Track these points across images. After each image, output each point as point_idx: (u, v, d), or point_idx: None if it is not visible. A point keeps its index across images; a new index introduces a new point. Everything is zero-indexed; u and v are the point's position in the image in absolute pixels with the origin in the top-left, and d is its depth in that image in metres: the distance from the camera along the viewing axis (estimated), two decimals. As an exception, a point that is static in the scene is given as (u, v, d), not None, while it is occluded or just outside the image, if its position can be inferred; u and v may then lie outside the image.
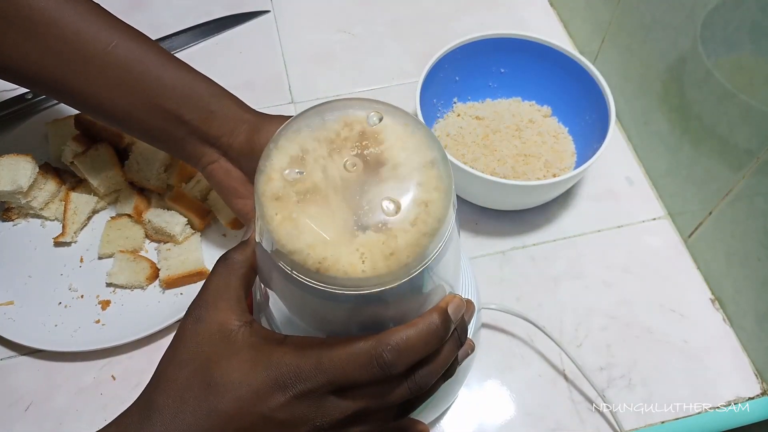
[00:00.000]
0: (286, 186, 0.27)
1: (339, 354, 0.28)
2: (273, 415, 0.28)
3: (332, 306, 0.29)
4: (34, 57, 0.45)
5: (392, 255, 0.26)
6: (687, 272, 0.58)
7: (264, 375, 0.28)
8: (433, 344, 0.29)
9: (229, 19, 0.76)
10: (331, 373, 0.28)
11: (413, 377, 0.30)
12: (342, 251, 0.26)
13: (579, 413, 0.50)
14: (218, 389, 0.29)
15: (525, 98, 0.65)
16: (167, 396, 0.30)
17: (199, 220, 0.57)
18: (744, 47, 0.47)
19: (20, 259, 0.57)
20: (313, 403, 0.29)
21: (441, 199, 0.27)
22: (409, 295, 0.29)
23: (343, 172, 0.27)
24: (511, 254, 0.58)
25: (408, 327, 0.29)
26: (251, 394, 0.28)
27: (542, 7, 0.79)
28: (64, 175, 0.61)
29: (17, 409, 0.50)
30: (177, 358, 0.31)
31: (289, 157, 0.28)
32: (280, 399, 0.28)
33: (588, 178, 0.63)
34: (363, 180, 0.27)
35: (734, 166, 0.51)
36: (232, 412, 0.28)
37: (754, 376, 0.52)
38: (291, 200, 0.27)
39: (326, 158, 0.28)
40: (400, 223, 0.26)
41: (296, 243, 0.26)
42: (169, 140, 0.48)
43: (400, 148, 0.28)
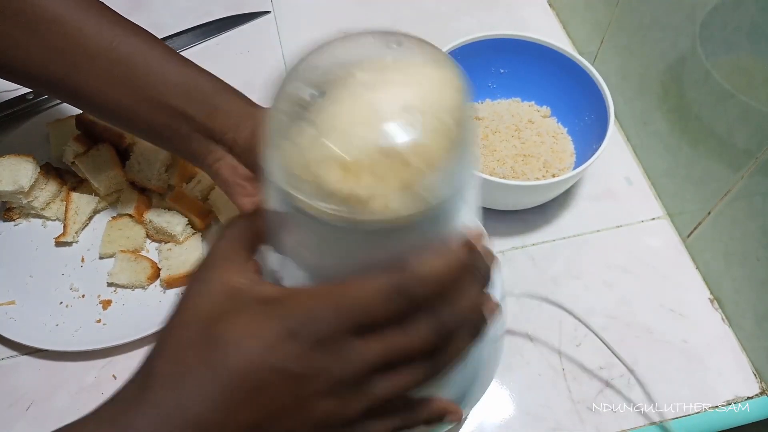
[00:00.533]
0: (302, 108, 0.25)
1: (359, 288, 0.26)
2: (286, 367, 0.25)
3: (352, 245, 0.26)
4: (37, 55, 0.45)
5: (415, 171, 0.24)
6: (686, 272, 0.58)
7: (274, 324, 0.26)
8: (458, 273, 0.27)
9: (230, 19, 0.76)
10: (350, 311, 0.25)
11: (438, 315, 0.27)
12: (365, 167, 0.24)
13: (579, 413, 0.50)
14: (223, 345, 0.26)
15: (524, 98, 0.65)
16: (167, 360, 0.27)
17: (200, 220, 0.57)
18: (743, 48, 0.48)
19: (21, 259, 0.57)
20: (331, 349, 0.26)
21: (459, 116, 0.25)
22: (431, 230, 0.27)
23: (362, 91, 0.25)
24: (511, 254, 0.59)
25: (432, 255, 0.26)
26: (260, 346, 0.25)
27: (542, 7, 0.79)
28: (66, 175, 0.61)
29: (18, 409, 0.50)
30: (178, 320, 0.28)
31: (306, 77, 0.26)
32: (294, 348, 0.25)
33: (587, 178, 0.63)
34: (384, 97, 0.25)
35: (733, 166, 0.51)
36: (239, 368, 0.25)
37: (753, 375, 0.52)
38: (311, 126, 0.25)
39: (345, 80, 0.26)
40: (420, 136, 0.24)
41: (317, 161, 0.24)
42: (174, 137, 0.47)
43: (418, 71, 0.26)
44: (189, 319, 0.28)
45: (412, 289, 0.26)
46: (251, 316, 0.26)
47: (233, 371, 0.26)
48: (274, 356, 0.25)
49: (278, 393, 0.26)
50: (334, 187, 0.24)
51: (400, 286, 0.26)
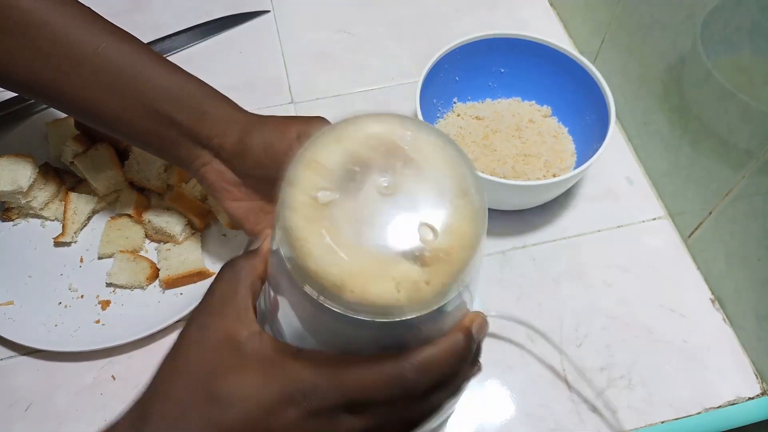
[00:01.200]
0: (318, 208, 0.25)
1: (361, 372, 0.27)
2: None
3: (355, 329, 0.27)
4: (24, 60, 0.45)
5: (428, 284, 0.24)
6: (687, 272, 0.58)
7: (276, 389, 0.26)
8: (457, 365, 0.28)
9: (229, 19, 0.76)
10: (351, 391, 0.27)
11: (430, 398, 0.29)
12: (377, 280, 0.24)
13: (579, 413, 0.50)
14: (223, 402, 0.26)
15: (525, 98, 0.65)
16: (164, 407, 0.27)
17: (199, 220, 0.57)
18: (744, 47, 0.48)
19: (20, 259, 0.57)
20: (324, 420, 0.27)
21: (476, 224, 0.26)
22: (437, 319, 0.27)
23: (377, 195, 0.25)
24: (511, 254, 0.58)
25: (432, 347, 0.27)
26: (260, 408, 0.26)
27: (542, 7, 0.79)
28: (64, 175, 0.61)
29: (17, 409, 0.50)
30: (177, 367, 0.28)
31: (321, 174, 0.26)
32: (292, 415, 0.26)
33: (588, 178, 0.63)
34: (398, 204, 0.25)
35: (734, 165, 0.51)
36: (237, 427, 0.26)
37: (754, 376, 0.52)
38: (323, 224, 0.25)
39: (360, 179, 0.26)
40: (436, 250, 0.25)
41: (328, 271, 0.24)
42: (161, 143, 0.47)
43: (435, 169, 0.26)
44: (189, 368, 0.28)
45: (410, 379, 0.27)
46: (252, 375, 0.27)
47: (227, 427, 0.26)
48: (273, 420, 0.26)
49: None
50: (346, 297, 0.24)
51: (402, 377, 0.27)
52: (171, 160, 0.50)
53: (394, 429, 0.30)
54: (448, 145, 0.27)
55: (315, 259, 0.25)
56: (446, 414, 0.46)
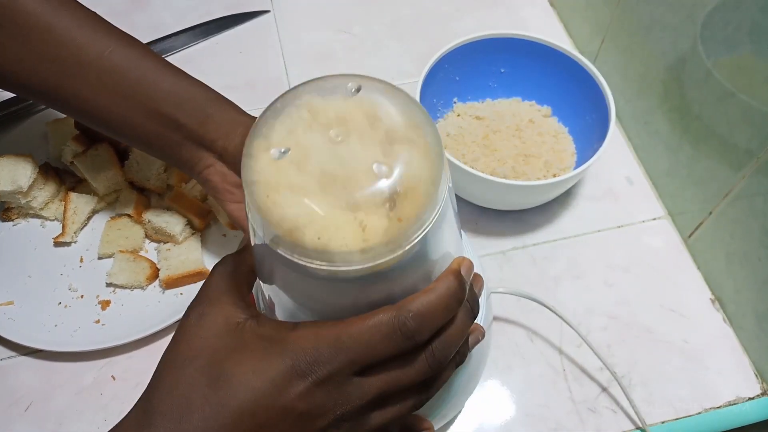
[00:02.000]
0: (273, 166, 0.26)
1: (359, 328, 0.27)
2: (292, 406, 0.26)
3: (340, 290, 0.27)
4: (30, 63, 0.45)
5: (390, 219, 0.25)
6: (687, 272, 0.58)
7: (279, 363, 0.26)
8: (453, 307, 0.28)
9: (229, 19, 0.76)
10: (353, 350, 0.26)
11: (431, 348, 0.28)
12: (340, 222, 0.25)
13: (579, 413, 0.50)
14: (229, 383, 0.26)
15: (525, 98, 0.65)
16: (170, 397, 0.27)
17: (199, 220, 0.57)
18: (744, 47, 0.48)
19: (20, 259, 0.57)
20: (334, 388, 0.26)
21: (433, 159, 0.26)
22: (415, 268, 0.28)
23: (329, 144, 0.26)
24: (512, 254, 0.58)
25: (426, 293, 0.28)
26: (267, 384, 0.26)
27: (542, 7, 0.79)
28: (64, 175, 0.61)
29: (17, 409, 0.50)
30: (179, 356, 0.28)
31: (273, 137, 0.27)
32: (300, 387, 0.26)
33: (588, 178, 0.63)
34: (351, 149, 0.26)
35: (734, 166, 0.51)
36: (245, 407, 0.26)
37: (754, 376, 0.52)
38: (280, 179, 0.26)
39: (311, 133, 0.27)
40: (394, 185, 0.25)
41: (291, 221, 0.25)
42: (165, 145, 0.47)
43: (384, 114, 0.27)
44: (190, 355, 0.28)
45: (410, 327, 0.27)
46: (255, 353, 0.27)
47: (239, 409, 0.26)
48: (280, 395, 0.26)
49: (280, 430, 0.26)
50: (311, 245, 0.25)
51: (403, 328, 0.27)
52: (174, 163, 0.50)
53: (405, 397, 0.29)
54: (394, 88, 0.28)
55: (276, 214, 0.25)
56: (455, 410, 0.46)
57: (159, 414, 0.27)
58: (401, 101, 0.28)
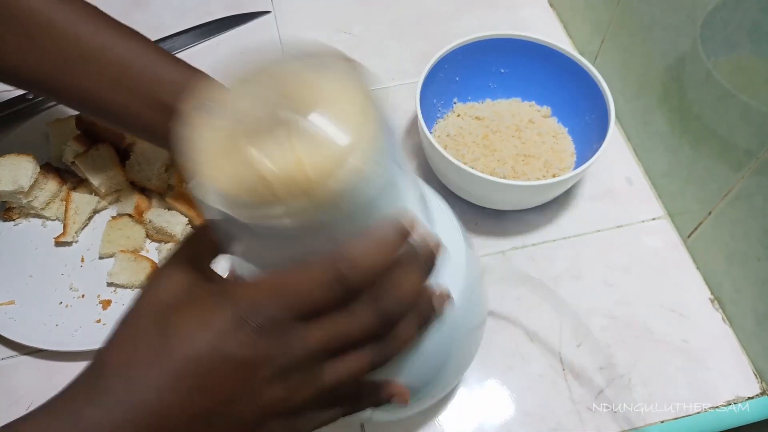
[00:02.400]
0: (205, 128, 0.27)
1: (295, 276, 0.27)
2: (234, 354, 0.26)
3: (279, 246, 0.28)
4: (32, 58, 0.45)
5: (316, 172, 0.25)
6: (686, 272, 0.58)
7: (222, 313, 0.27)
8: (390, 252, 0.28)
9: (230, 19, 0.76)
10: (289, 297, 0.27)
11: (377, 300, 0.28)
12: (268, 173, 0.25)
13: (579, 413, 0.50)
14: (175, 333, 0.27)
15: (525, 98, 0.65)
16: (118, 349, 0.28)
17: (200, 220, 0.57)
18: (744, 47, 0.48)
19: (21, 258, 0.57)
20: (274, 337, 0.27)
21: (365, 119, 0.26)
22: (355, 225, 0.28)
23: (251, 96, 0.27)
24: (511, 254, 0.59)
25: (359, 239, 0.27)
26: (210, 334, 0.26)
27: (542, 7, 0.79)
28: (65, 175, 0.61)
29: (18, 409, 0.50)
30: (132, 313, 0.29)
31: (201, 97, 0.28)
32: (242, 337, 0.26)
33: (588, 178, 0.63)
34: (280, 110, 0.27)
35: (734, 166, 0.51)
36: (190, 355, 0.26)
37: (754, 375, 0.52)
38: (213, 139, 0.26)
39: (242, 99, 0.27)
40: (323, 141, 0.25)
41: (220, 174, 0.25)
42: (168, 134, 0.48)
43: (317, 78, 0.28)
44: (142, 311, 0.28)
45: (348, 274, 0.27)
46: (203, 306, 0.27)
47: (184, 359, 0.26)
48: (223, 344, 0.26)
49: (227, 380, 0.27)
50: (250, 199, 0.25)
51: (337, 272, 0.27)
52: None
53: (365, 347, 0.29)
54: (330, 63, 0.29)
55: (209, 173, 0.26)
56: (446, 386, 0.44)
57: (109, 366, 0.27)
58: (336, 70, 0.28)
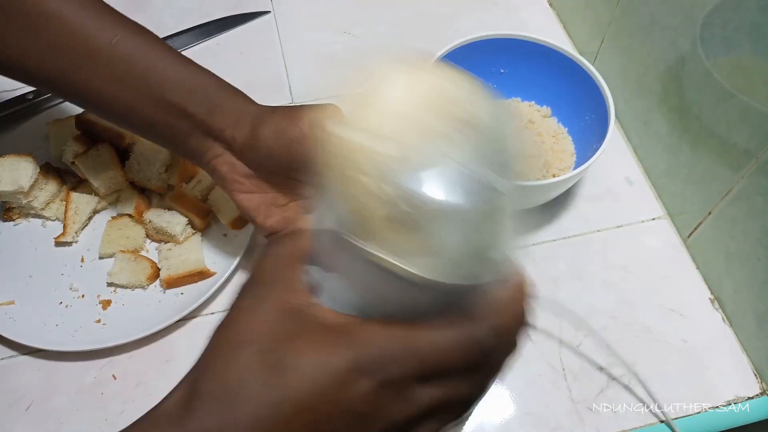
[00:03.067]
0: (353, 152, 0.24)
1: (435, 335, 0.24)
2: (353, 406, 0.24)
3: (420, 293, 0.25)
4: (37, 52, 0.45)
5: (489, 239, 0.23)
6: (686, 272, 0.58)
7: (346, 357, 0.24)
8: (522, 326, 0.27)
9: (230, 19, 0.76)
10: (427, 357, 0.24)
11: (497, 365, 0.27)
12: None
13: (579, 413, 0.50)
14: (290, 371, 0.24)
15: (524, 98, 0.65)
16: (221, 381, 0.24)
17: (200, 220, 0.57)
18: (743, 48, 0.48)
19: (21, 259, 0.57)
20: (396, 392, 0.24)
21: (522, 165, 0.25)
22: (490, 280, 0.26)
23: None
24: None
25: (498, 309, 0.26)
26: (330, 378, 0.24)
27: (542, 7, 0.79)
28: (65, 175, 0.61)
29: (18, 409, 0.50)
30: (232, 339, 0.25)
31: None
32: (364, 386, 0.24)
33: (587, 179, 0.63)
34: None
35: (734, 166, 0.51)
36: (304, 400, 0.24)
37: (754, 375, 0.52)
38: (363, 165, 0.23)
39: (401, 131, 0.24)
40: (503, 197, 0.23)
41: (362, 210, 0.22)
42: (174, 135, 0.47)
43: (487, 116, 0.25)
44: (246, 339, 0.25)
45: (490, 343, 0.25)
46: (319, 342, 0.24)
47: (295, 399, 0.24)
48: (343, 391, 0.24)
49: (336, 428, 0.24)
50: (404, 248, 0.23)
51: (480, 340, 0.25)
52: (182, 153, 0.49)
53: (465, 400, 0.27)
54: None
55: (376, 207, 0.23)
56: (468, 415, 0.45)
57: (208, 399, 0.24)
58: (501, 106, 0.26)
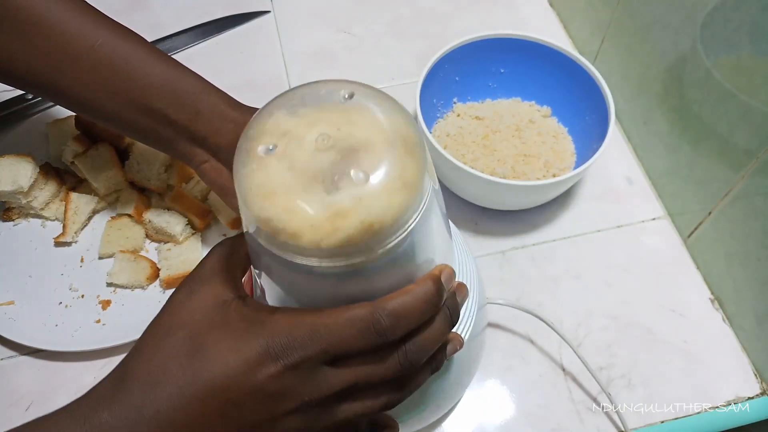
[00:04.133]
0: (259, 161, 0.27)
1: (335, 320, 0.27)
2: (263, 387, 0.27)
3: (319, 283, 0.29)
4: (22, 56, 0.45)
5: (362, 223, 0.26)
6: (687, 272, 0.58)
7: (255, 343, 0.27)
8: (428, 311, 0.29)
9: (230, 19, 0.76)
10: (326, 340, 0.27)
11: (404, 348, 0.29)
12: (314, 220, 0.26)
13: (579, 413, 0.50)
14: (206, 357, 0.27)
15: (525, 98, 0.65)
16: (147, 365, 0.28)
17: (200, 220, 0.57)
18: (744, 47, 0.48)
19: (21, 259, 0.57)
20: (304, 374, 0.27)
21: (414, 168, 0.27)
22: (394, 269, 0.29)
23: (314, 145, 0.27)
24: (511, 254, 0.59)
25: (403, 293, 0.28)
26: (241, 362, 0.27)
27: (542, 7, 0.79)
28: (65, 175, 0.61)
29: (18, 409, 0.50)
30: (162, 327, 0.29)
31: (264, 135, 0.28)
32: (272, 369, 0.27)
33: (588, 178, 0.63)
34: (334, 152, 0.27)
35: (734, 166, 0.51)
36: (218, 382, 0.27)
37: (754, 375, 0.52)
38: (264, 174, 0.27)
39: (298, 133, 0.28)
40: (368, 192, 0.26)
41: (269, 214, 0.26)
42: (161, 139, 0.48)
43: (371, 122, 0.28)
44: (174, 327, 0.29)
45: (383, 324, 0.28)
46: (236, 332, 0.28)
47: (211, 383, 0.27)
48: (253, 374, 0.27)
49: (250, 409, 0.27)
50: (285, 238, 0.26)
51: (378, 324, 0.28)
52: (174, 156, 0.50)
53: (375, 393, 0.30)
54: (386, 97, 0.30)
55: (256, 206, 0.27)
56: (449, 403, 0.46)
57: (135, 379, 0.28)
58: (391, 112, 0.29)
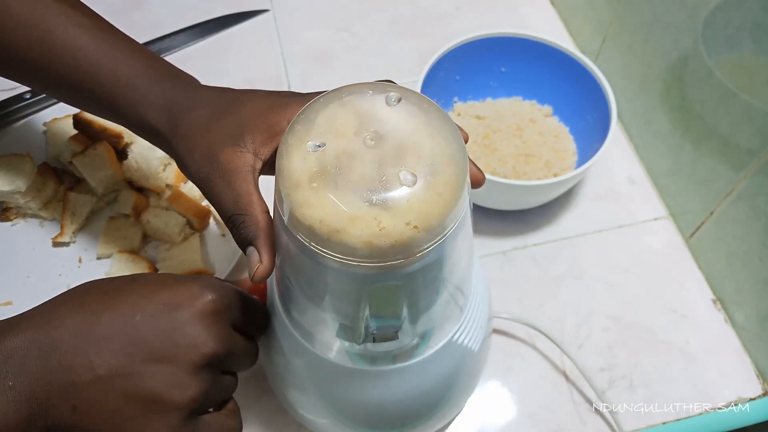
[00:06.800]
0: (305, 157, 0.27)
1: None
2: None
3: (348, 282, 0.29)
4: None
5: (406, 225, 0.26)
6: (688, 272, 0.57)
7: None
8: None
9: (229, 17, 0.76)
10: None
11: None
12: (358, 218, 0.26)
13: (580, 414, 0.50)
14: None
15: (526, 97, 0.65)
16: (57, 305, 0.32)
17: (198, 220, 0.57)
18: (746, 46, 0.47)
19: (19, 259, 0.57)
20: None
21: (457, 175, 0.27)
22: (425, 273, 0.29)
23: (362, 145, 0.28)
24: (512, 254, 0.58)
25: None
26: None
27: (543, 6, 0.78)
28: (63, 175, 0.61)
29: (16, 411, 0.50)
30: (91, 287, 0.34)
31: (312, 130, 0.28)
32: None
33: (589, 178, 0.63)
34: (383, 153, 0.27)
35: (736, 165, 0.50)
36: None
37: (756, 376, 0.52)
38: (309, 171, 0.27)
39: (347, 132, 0.28)
40: (416, 194, 0.26)
41: (313, 211, 0.26)
42: (147, 139, 0.43)
43: (419, 126, 0.28)
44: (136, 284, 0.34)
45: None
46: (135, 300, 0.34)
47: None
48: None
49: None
50: (327, 235, 0.26)
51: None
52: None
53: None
54: (431, 103, 0.29)
55: (301, 205, 0.27)
56: (455, 411, 0.46)
57: (24, 318, 0.31)
58: (437, 119, 0.29)
